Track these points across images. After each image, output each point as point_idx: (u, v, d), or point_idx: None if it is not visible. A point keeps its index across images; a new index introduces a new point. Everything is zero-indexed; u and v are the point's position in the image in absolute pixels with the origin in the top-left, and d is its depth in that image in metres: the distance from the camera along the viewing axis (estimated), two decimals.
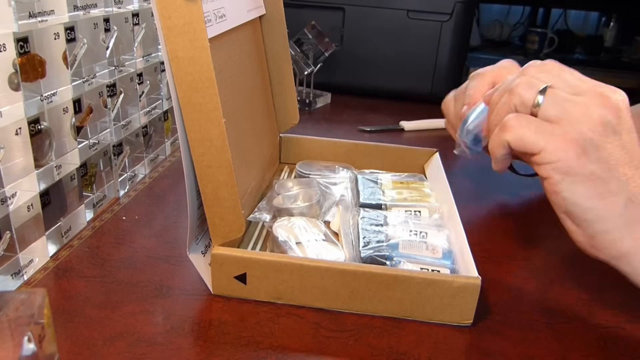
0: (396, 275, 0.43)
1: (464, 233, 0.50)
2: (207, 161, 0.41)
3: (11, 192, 0.43)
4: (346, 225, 0.53)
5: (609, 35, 2.25)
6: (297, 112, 0.72)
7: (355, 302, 0.45)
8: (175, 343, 0.40)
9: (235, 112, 0.52)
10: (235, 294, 0.46)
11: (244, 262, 0.44)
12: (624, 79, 1.93)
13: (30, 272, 0.47)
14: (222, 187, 0.42)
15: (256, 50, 0.63)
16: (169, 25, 0.38)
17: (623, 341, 0.44)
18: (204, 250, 0.48)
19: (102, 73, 0.56)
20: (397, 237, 0.51)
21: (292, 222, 0.52)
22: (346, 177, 0.64)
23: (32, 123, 0.45)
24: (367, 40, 1.13)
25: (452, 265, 0.48)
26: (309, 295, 0.45)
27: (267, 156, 0.66)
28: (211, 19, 0.46)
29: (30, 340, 0.26)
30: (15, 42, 0.42)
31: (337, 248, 0.50)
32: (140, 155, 0.68)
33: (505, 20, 2.27)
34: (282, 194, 0.58)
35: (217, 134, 0.41)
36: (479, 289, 0.43)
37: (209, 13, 0.45)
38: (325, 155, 0.74)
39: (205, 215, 0.43)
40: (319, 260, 0.45)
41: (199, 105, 0.40)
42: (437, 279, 0.43)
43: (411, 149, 0.73)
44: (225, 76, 0.50)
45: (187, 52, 0.39)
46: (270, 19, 0.66)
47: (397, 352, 0.41)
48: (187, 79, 0.39)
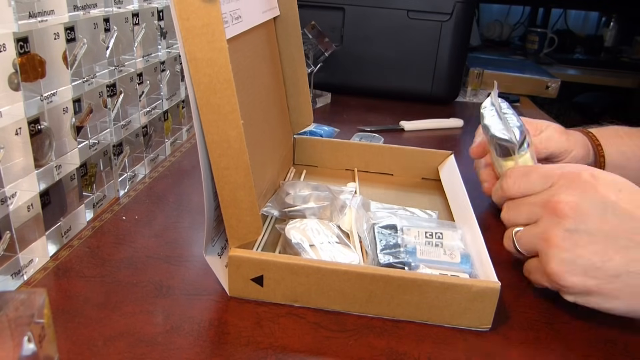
0: (414, 279, 0.43)
1: (481, 237, 0.50)
2: (225, 163, 0.41)
3: (11, 192, 0.43)
4: (360, 228, 0.53)
5: (609, 35, 2.25)
6: (311, 113, 0.72)
7: (373, 306, 0.44)
8: (175, 343, 0.40)
9: (251, 114, 0.52)
10: (251, 296, 0.46)
11: (261, 264, 0.44)
12: (623, 79, 1.93)
13: (30, 272, 0.47)
14: (239, 189, 0.42)
15: (270, 52, 0.63)
16: (187, 27, 0.38)
17: (623, 341, 0.44)
18: (220, 252, 0.48)
19: (102, 73, 0.56)
20: (414, 241, 0.51)
21: (305, 224, 0.52)
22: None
23: (32, 123, 0.45)
24: (367, 40, 1.13)
25: (471, 270, 0.48)
26: (326, 297, 0.45)
27: (281, 157, 0.66)
28: (228, 20, 0.45)
29: (30, 340, 0.26)
30: (15, 42, 0.42)
31: (350, 250, 0.50)
32: (140, 155, 0.68)
33: (505, 20, 2.27)
34: (293, 193, 0.58)
35: (235, 135, 0.40)
36: (498, 293, 0.43)
37: (226, 14, 0.45)
38: (338, 157, 0.74)
39: (222, 217, 0.43)
40: (336, 263, 0.44)
41: (217, 107, 0.40)
42: (456, 283, 0.43)
43: (426, 150, 0.73)
44: (241, 77, 0.50)
45: (206, 54, 0.38)
46: (284, 20, 0.66)
47: (397, 352, 0.41)
48: (205, 81, 0.39)
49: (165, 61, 0.72)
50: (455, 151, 0.72)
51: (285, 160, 0.70)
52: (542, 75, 1.38)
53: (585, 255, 0.42)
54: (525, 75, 1.37)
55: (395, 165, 0.73)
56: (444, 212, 0.64)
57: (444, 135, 0.98)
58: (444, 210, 0.64)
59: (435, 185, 0.71)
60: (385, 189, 0.70)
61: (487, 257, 0.47)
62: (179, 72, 0.79)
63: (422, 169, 0.73)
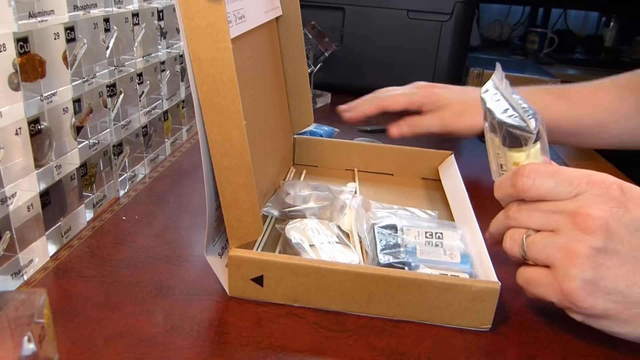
0: (414, 279, 0.43)
1: (481, 237, 0.50)
2: (227, 163, 0.41)
3: (11, 192, 0.43)
4: (360, 228, 0.53)
5: (609, 35, 2.25)
6: (311, 113, 0.72)
7: (373, 306, 0.44)
8: (175, 343, 0.40)
9: (253, 114, 0.52)
10: (251, 296, 0.46)
11: (261, 264, 0.44)
12: None
13: (30, 272, 0.47)
14: (240, 189, 0.42)
15: (272, 51, 0.63)
16: (191, 26, 0.38)
17: (623, 341, 0.44)
18: (220, 252, 0.48)
19: (102, 73, 0.56)
20: (414, 241, 0.51)
21: (305, 224, 0.52)
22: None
23: (32, 123, 0.45)
24: (367, 40, 1.13)
25: (471, 270, 0.48)
26: (326, 297, 0.45)
27: (281, 157, 0.66)
28: (231, 20, 0.45)
29: (30, 340, 0.26)
30: (15, 42, 0.42)
31: (350, 250, 0.50)
32: (140, 155, 0.68)
33: (505, 20, 2.27)
34: (293, 193, 0.58)
35: (237, 135, 0.40)
36: (498, 293, 0.43)
37: (230, 14, 0.45)
38: (338, 157, 0.74)
39: (223, 217, 0.43)
40: (336, 263, 0.44)
41: (219, 107, 0.40)
42: (456, 283, 0.43)
43: (426, 150, 0.73)
44: (244, 77, 0.50)
45: (210, 54, 0.38)
46: (286, 20, 0.66)
47: (397, 352, 0.41)
48: (209, 80, 0.39)
49: (165, 61, 0.72)
50: (455, 151, 0.72)
51: (286, 160, 0.70)
52: (542, 75, 1.38)
53: (610, 277, 0.39)
54: (525, 75, 1.37)
55: (395, 165, 0.73)
56: (444, 212, 0.64)
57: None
58: (444, 210, 0.64)
59: (435, 185, 0.71)
60: (385, 189, 0.70)
61: (487, 257, 0.47)
62: (179, 72, 0.79)
63: (422, 169, 0.73)
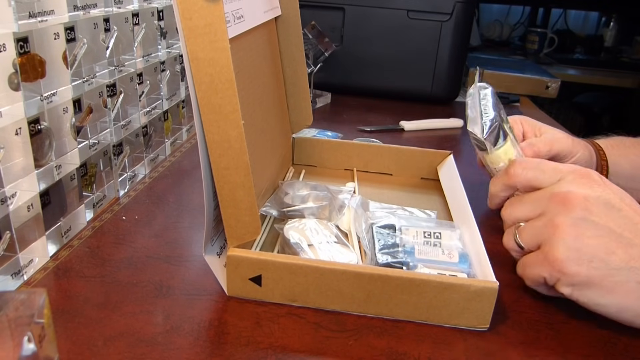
0: (412, 279, 0.43)
1: (480, 236, 0.50)
2: (225, 163, 0.41)
3: (11, 192, 0.43)
4: (359, 228, 0.53)
5: (609, 35, 2.25)
6: (310, 113, 0.72)
7: (372, 306, 0.44)
8: (175, 343, 0.40)
9: (251, 114, 0.52)
10: (250, 296, 0.46)
11: (259, 264, 0.44)
12: (623, 79, 1.93)
13: (30, 272, 0.47)
14: (238, 189, 0.42)
15: (271, 51, 0.63)
16: (189, 26, 0.38)
17: (623, 341, 0.44)
18: (219, 252, 0.48)
19: (102, 73, 0.56)
20: (412, 240, 0.51)
21: (304, 223, 0.52)
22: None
23: (32, 123, 0.45)
24: (367, 40, 1.13)
25: (469, 269, 0.48)
26: (324, 297, 0.45)
27: (280, 157, 0.66)
28: (230, 19, 0.45)
29: (30, 340, 0.26)
30: (15, 42, 0.42)
31: (349, 250, 0.50)
32: (140, 155, 0.68)
33: (505, 20, 2.27)
34: (291, 193, 0.58)
35: (235, 135, 0.40)
36: (496, 293, 0.43)
37: (228, 14, 0.45)
38: (337, 157, 0.74)
39: (221, 217, 0.43)
40: (335, 263, 0.44)
41: (218, 107, 0.40)
42: (454, 282, 0.43)
43: (425, 150, 0.73)
44: (242, 77, 0.50)
45: (207, 54, 0.38)
46: (285, 20, 0.66)
47: (397, 352, 0.41)
48: (207, 80, 0.39)
49: (165, 61, 0.72)
50: (454, 151, 0.72)
51: (284, 160, 0.70)
52: (542, 75, 1.38)
53: (591, 244, 0.42)
54: (525, 75, 1.37)
55: (394, 165, 0.73)
56: (443, 212, 0.64)
57: (443, 135, 0.98)
58: (442, 210, 0.64)
59: (434, 185, 0.71)
60: (384, 189, 0.70)
61: (486, 257, 0.47)
62: (179, 72, 0.79)
63: (421, 169, 0.73)
